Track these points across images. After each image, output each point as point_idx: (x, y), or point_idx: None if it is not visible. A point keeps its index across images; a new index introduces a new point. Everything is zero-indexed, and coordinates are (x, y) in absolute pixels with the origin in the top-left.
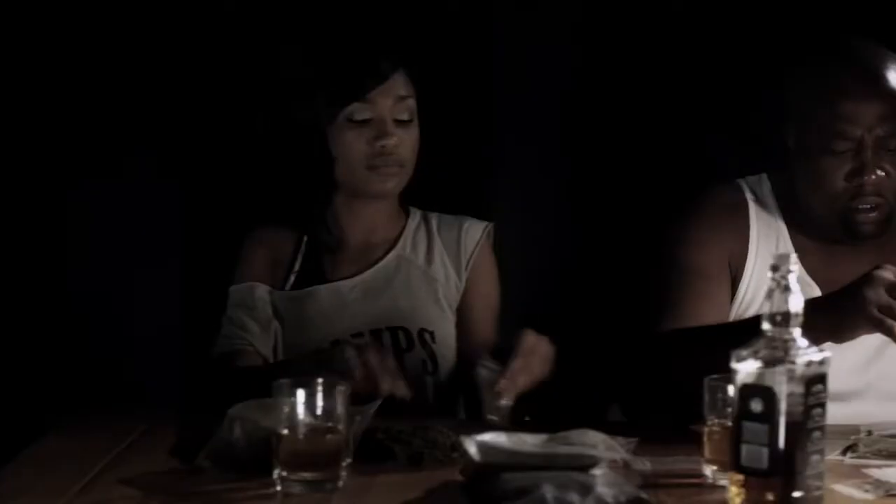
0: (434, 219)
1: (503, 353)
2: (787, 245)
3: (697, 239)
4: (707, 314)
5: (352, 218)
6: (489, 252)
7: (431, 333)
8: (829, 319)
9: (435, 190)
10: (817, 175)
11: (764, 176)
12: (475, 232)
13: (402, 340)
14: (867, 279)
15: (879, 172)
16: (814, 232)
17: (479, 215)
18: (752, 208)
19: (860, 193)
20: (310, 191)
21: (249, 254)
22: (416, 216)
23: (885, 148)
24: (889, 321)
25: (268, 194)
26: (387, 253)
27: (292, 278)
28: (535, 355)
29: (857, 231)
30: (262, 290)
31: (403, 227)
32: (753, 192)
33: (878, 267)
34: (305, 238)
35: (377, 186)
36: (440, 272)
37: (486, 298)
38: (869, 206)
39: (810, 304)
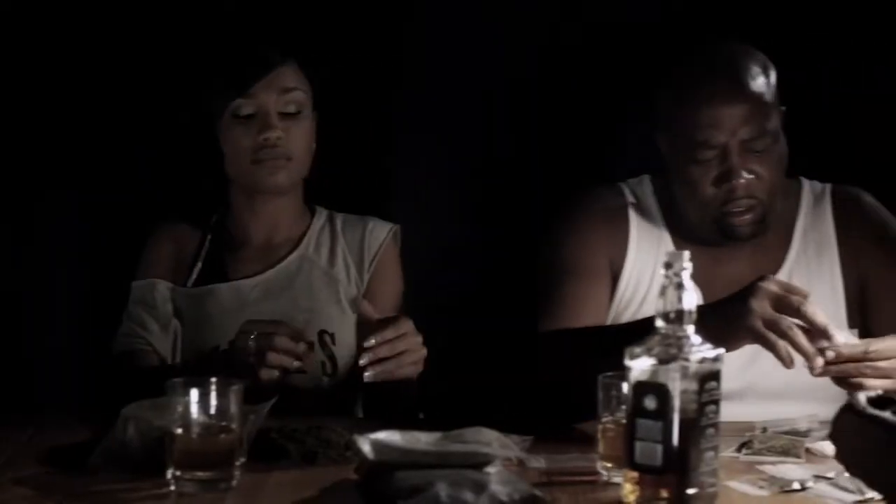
0: (339, 219)
1: None
2: (667, 247)
3: (577, 240)
4: (586, 314)
5: (253, 216)
6: (394, 253)
7: (332, 335)
8: (713, 328)
9: (342, 189)
10: (688, 182)
11: (646, 178)
12: (379, 233)
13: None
14: (752, 290)
15: (748, 175)
16: (693, 234)
17: (384, 215)
18: (633, 210)
19: (731, 198)
20: (204, 187)
21: (152, 250)
22: (321, 216)
23: (752, 150)
24: (772, 335)
25: (169, 191)
26: (289, 253)
27: (194, 276)
28: (407, 338)
29: (733, 234)
30: (163, 287)
31: (308, 227)
32: (634, 194)
33: (762, 278)
34: (209, 236)
35: (265, 180)
36: (342, 273)
37: (389, 299)
38: (742, 209)
39: (700, 313)
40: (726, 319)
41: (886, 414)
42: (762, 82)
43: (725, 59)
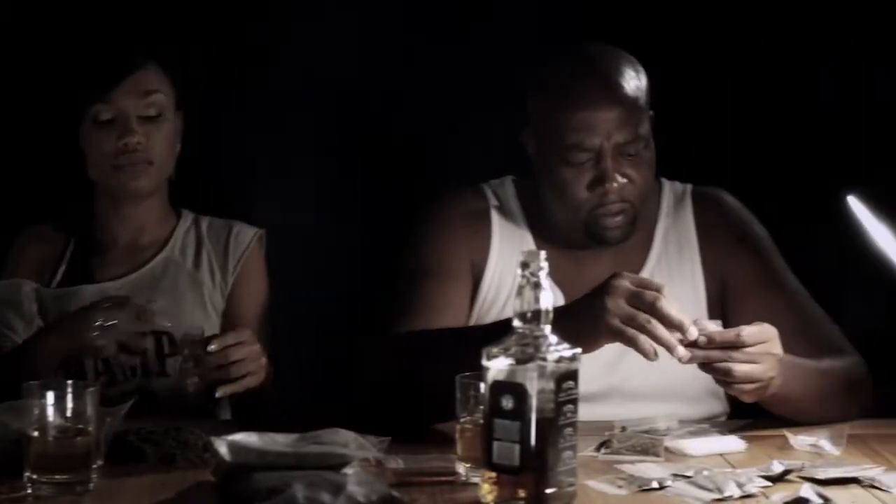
0: (205, 222)
1: None
2: (529, 249)
3: (438, 241)
4: (446, 316)
5: (119, 218)
6: (259, 257)
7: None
8: (572, 330)
9: (207, 193)
10: (559, 184)
11: (508, 179)
12: (245, 237)
13: (166, 345)
14: (606, 289)
15: (621, 179)
16: (557, 236)
17: (249, 219)
18: (495, 212)
19: (604, 202)
20: (69, 190)
21: (18, 250)
22: (187, 219)
23: (625, 154)
24: (630, 331)
25: (35, 193)
26: (155, 255)
27: (59, 277)
28: (245, 347)
29: (603, 237)
30: (28, 287)
31: (173, 230)
32: (496, 196)
33: (616, 275)
34: (73, 238)
35: (127, 185)
36: (207, 276)
37: (253, 304)
38: (614, 213)
39: (558, 315)
40: (584, 320)
41: None
42: (636, 86)
43: (600, 61)
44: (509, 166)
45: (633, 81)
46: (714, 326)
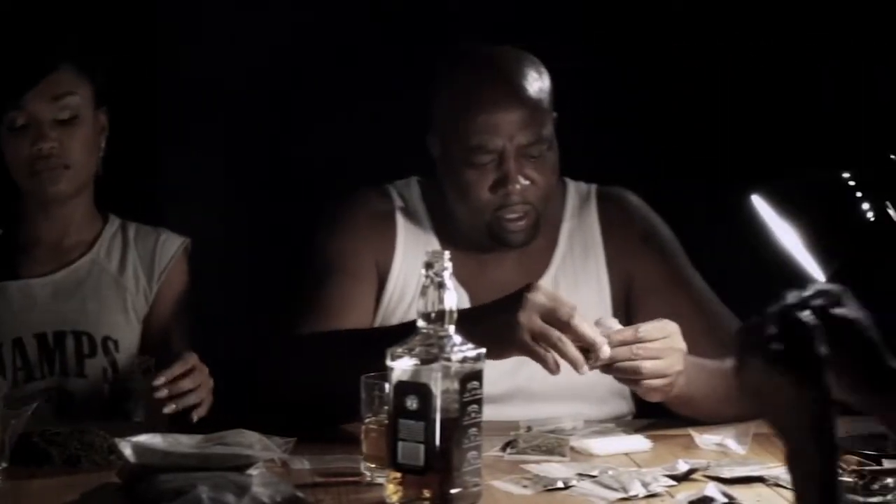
0: (132, 228)
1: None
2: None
3: (343, 241)
4: (351, 316)
5: (45, 218)
6: (184, 267)
7: (115, 342)
8: (479, 336)
9: (127, 198)
10: (462, 186)
11: (413, 180)
12: (171, 245)
13: (86, 346)
14: (520, 302)
15: (524, 181)
16: (462, 237)
17: (172, 227)
18: (400, 213)
19: (506, 203)
20: None
21: None
22: (114, 223)
23: (528, 156)
24: (541, 350)
25: None
26: (81, 256)
27: None
28: (195, 375)
29: (506, 240)
30: None
31: (100, 233)
32: (402, 197)
33: (530, 288)
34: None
35: (46, 191)
36: (132, 282)
37: (176, 312)
38: (517, 216)
39: (466, 319)
40: (493, 330)
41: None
42: (539, 87)
43: (503, 63)
44: (415, 168)
45: (536, 83)
46: (615, 324)
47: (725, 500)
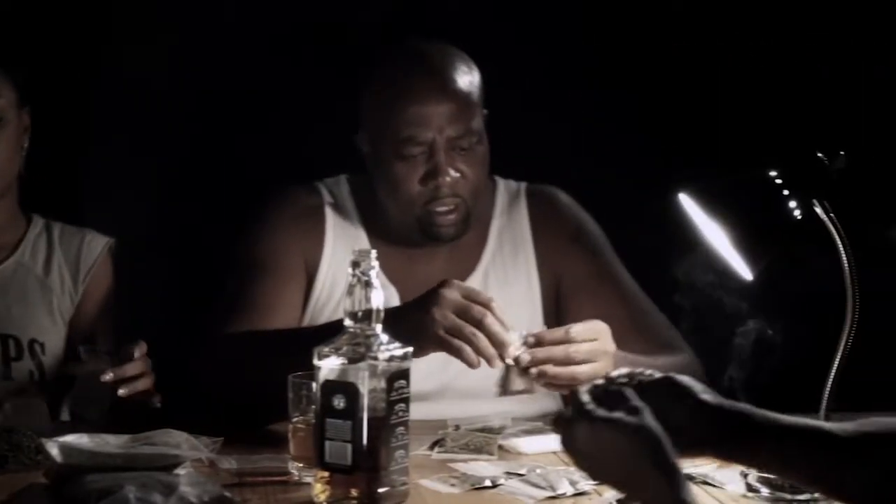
0: (56, 228)
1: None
2: (363, 247)
3: (271, 239)
4: (279, 314)
5: None
6: (108, 267)
7: (42, 345)
8: (399, 333)
9: (54, 198)
10: (392, 180)
11: (343, 178)
12: (96, 245)
13: (12, 349)
14: (434, 298)
15: (454, 174)
16: (392, 234)
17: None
18: (329, 210)
19: (437, 196)
20: None
21: None
22: (38, 224)
23: (458, 148)
24: (456, 342)
25: None
26: (5, 259)
27: None
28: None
29: (436, 234)
30: None
31: (24, 234)
32: (332, 194)
33: (444, 284)
34: None
35: None
36: (57, 283)
37: (102, 313)
38: (447, 209)
39: (387, 318)
40: (410, 328)
41: (621, 417)
42: (468, 81)
43: (433, 57)
44: (345, 167)
45: (466, 77)
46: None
47: None
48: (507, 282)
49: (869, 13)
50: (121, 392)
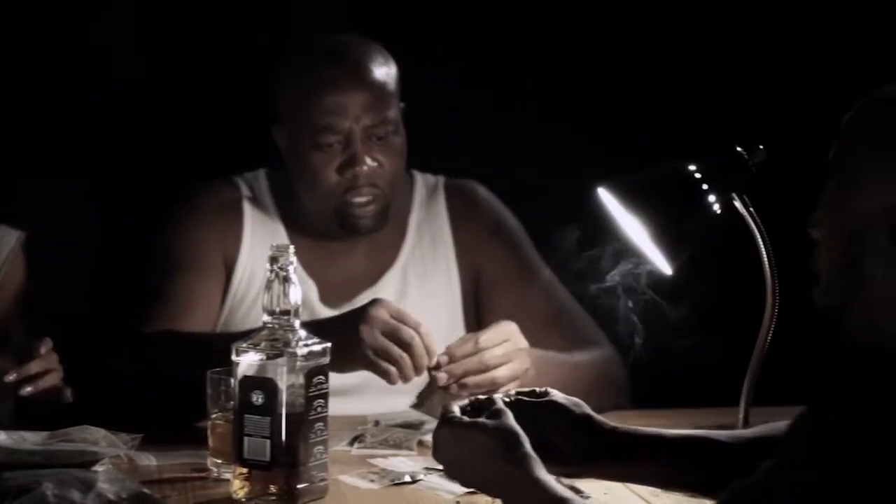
0: None
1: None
2: (282, 241)
3: (189, 234)
4: (197, 311)
5: None
6: (21, 261)
7: None
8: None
9: None
10: (310, 171)
11: (261, 172)
12: (9, 240)
13: None
14: (363, 317)
15: (371, 163)
16: (311, 228)
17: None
18: (247, 205)
19: (354, 186)
20: None
21: None
22: None
23: (375, 137)
24: (384, 364)
25: None
26: None
27: None
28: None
29: (354, 226)
30: None
31: None
32: (250, 189)
33: (375, 303)
34: None
35: None
36: None
37: (13, 307)
38: (365, 199)
39: (311, 331)
40: (337, 346)
41: (481, 419)
42: (384, 71)
43: (348, 47)
44: (265, 161)
45: (382, 67)
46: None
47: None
48: (426, 277)
49: (788, 7)
50: (23, 391)
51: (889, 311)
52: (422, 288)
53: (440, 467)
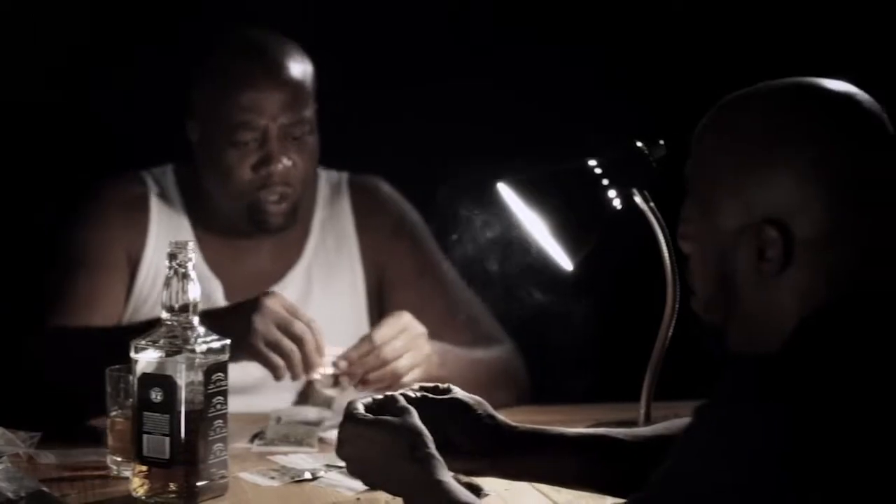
0: None
1: None
2: (188, 238)
3: (92, 231)
4: (99, 308)
5: None
6: None
7: None
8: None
9: None
10: (224, 167)
11: (169, 168)
12: None
13: None
14: (257, 307)
15: (287, 162)
16: (218, 224)
17: None
18: (154, 200)
19: (268, 184)
20: None
21: None
22: None
23: (291, 137)
24: (274, 357)
25: None
26: None
27: None
28: None
29: (264, 223)
30: None
31: None
32: (158, 184)
33: (268, 295)
34: None
35: None
36: None
37: None
38: (277, 198)
39: (206, 317)
40: (230, 334)
41: (386, 417)
42: (302, 70)
43: (267, 45)
44: (173, 156)
45: (300, 66)
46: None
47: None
48: (331, 275)
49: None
50: None
51: (765, 323)
52: (326, 286)
53: (342, 464)
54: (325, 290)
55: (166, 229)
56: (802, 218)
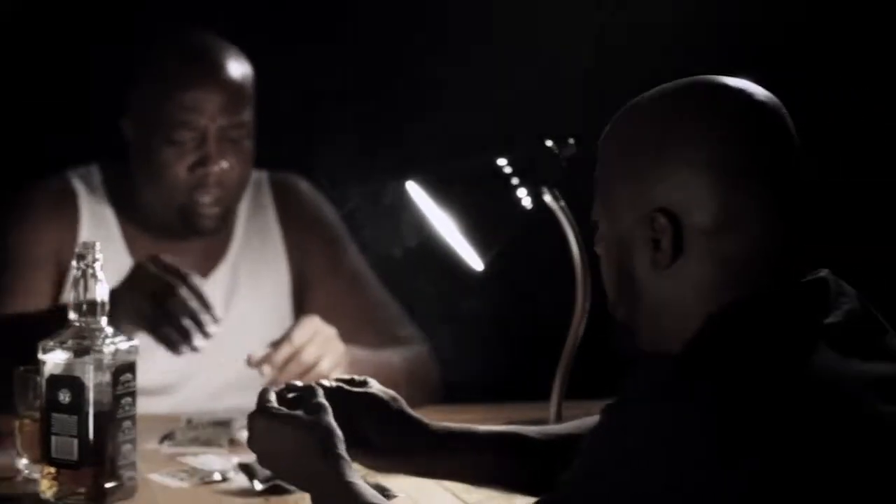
0: None
1: None
2: (116, 238)
3: (21, 231)
4: (31, 305)
5: None
6: None
7: None
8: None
9: None
10: (158, 167)
11: (95, 167)
12: None
13: None
14: (129, 275)
15: (224, 164)
16: (148, 224)
17: None
18: (83, 200)
19: (203, 185)
20: None
21: None
22: None
23: (228, 139)
24: (163, 332)
25: None
26: None
27: None
28: None
29: (196, 224)
30: None
31: None
32: (85, 184)
33: (149, 257)
34: None
35: None
36: None
37: None
38: (211, 200)
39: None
40: (115, 307)
41: (299, 413)
42: (241, 73)
43: (208, 46)
44: (98, 155)
45: (240, 68)
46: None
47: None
48: (257, 274)
49: None
50: None
51: (670, 320)
52: (252, 285)
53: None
54: (250, 288)
55: (96, 229)
56: (693, 208)
